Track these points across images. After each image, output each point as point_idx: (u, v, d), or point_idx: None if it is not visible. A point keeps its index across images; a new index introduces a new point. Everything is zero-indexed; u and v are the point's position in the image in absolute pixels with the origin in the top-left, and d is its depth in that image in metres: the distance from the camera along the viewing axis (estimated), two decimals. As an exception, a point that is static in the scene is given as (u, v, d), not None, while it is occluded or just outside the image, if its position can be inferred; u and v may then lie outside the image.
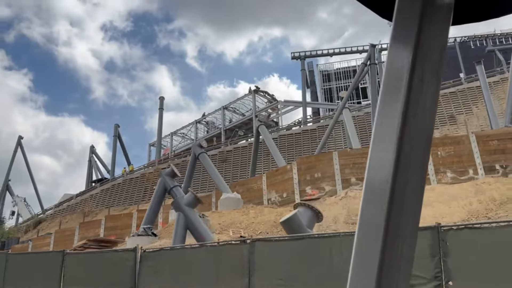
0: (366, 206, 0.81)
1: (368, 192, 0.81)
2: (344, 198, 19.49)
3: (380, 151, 0.81)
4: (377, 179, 0.80)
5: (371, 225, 0.78)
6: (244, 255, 9.98)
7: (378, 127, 0.82)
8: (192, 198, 14.47)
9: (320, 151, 29.56)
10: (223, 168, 38.61)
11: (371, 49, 30.33)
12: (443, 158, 21.15)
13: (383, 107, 0.82)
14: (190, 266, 8.65)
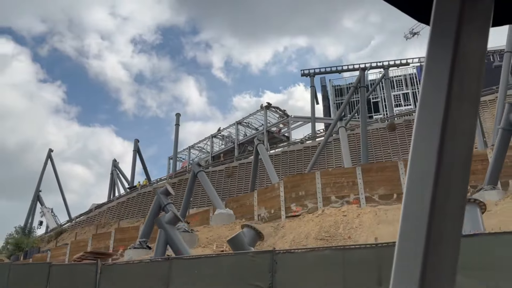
0: (406, 219, 0.78)
1: (408, 204, 0.79)
2: (320, 216, 21.26)
3: (420, 161, 0.78)
4: (417, 190, 0.78)
5: (411, 239, 0.75)
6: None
7: (418, 135, 0.80)
8: (172, 216, 16.64)
9: (310, 169, 31.35)
10: (228, 183, 40.80)
11: (361, 73, 32.04)
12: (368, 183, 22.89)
13: (422, 114, 0.80)
14: (146, 279, 10.70)
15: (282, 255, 8.55)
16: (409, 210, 0.79)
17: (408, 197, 0.80)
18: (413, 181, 0.79)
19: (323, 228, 19.58)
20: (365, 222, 19.46)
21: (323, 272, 7.41)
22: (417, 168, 0.79)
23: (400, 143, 37.14)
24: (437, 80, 0.79)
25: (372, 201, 22.69)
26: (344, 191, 23.49)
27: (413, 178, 0.79)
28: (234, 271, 8.91)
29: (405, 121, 38.97)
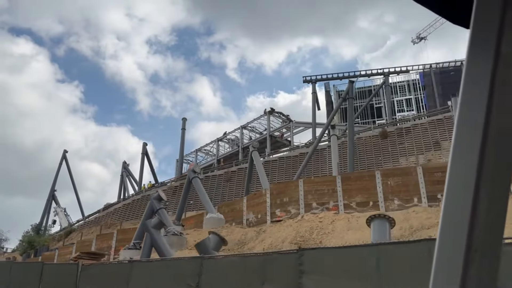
0: (446, 220, 0.76)
1: (449, 205, 0.76)
2: (299, 221, 22.96)
3: (461, 166, 0.76)
4: (458, 193, 0.75)
5: (451, 241, 0.73)
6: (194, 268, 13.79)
7: (458, 138, 0.78)
8: (157, 221, 18.54)
9: (299, 176, 33.04)
10: (227, 187, 42.69)
11: (349, 85, 33.60)
12: (392, 187, 24.17)
13: (462, 118, 0.78)
14: (115, 278, 12.52)
15: (207, 260, 10.33)
16: (448, 215, 0.77)
17: (447, 202, 0.78)
18: (453, 185, 0.77)
19: (299, 233, 21.27)
20: (337, 228, 21.09)
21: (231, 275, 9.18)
22: (457, 170, 0.77)
23: (391, 151, 38.53)
24: (478, 84, 0.78)
25: (349, 208, 24.26)
26: (324, 198, 25.12)
27: (453, 181, 0.77)
28: (176, 271, 10.71)
29: (397, 129, 40.32)
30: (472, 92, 0.78)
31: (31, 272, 14.98)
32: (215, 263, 10.34)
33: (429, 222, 19.26)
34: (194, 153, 77.98)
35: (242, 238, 23.08)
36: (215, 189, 43.64)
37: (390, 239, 9.53)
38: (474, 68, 0.80)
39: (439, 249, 0.76)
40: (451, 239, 0.75)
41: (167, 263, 11.79)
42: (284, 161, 45.31)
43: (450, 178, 0.78)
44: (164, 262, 12.34)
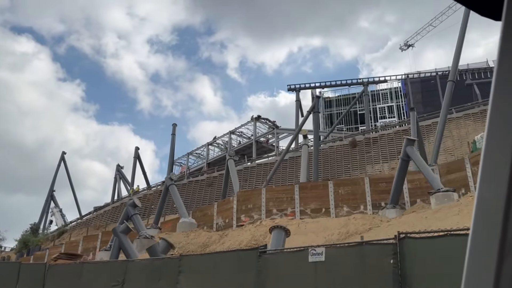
0: (478, 224, 0.73)
1: (480, 206, 0.74)
2: (257, 226, 25.72)
3: (494, 160, 0.73)
4: (490, 193, 0.72)
5: (484, 238, 0.71)
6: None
7: (491, 133, 0.76)
8: (125, 227, 21.31)
9: (267, 183, 35.83)
10: (208, 192, 45.53)
11: (316, 100, 36.42)
12: (342, 195, 26.99)
13: (495, 113, 0.77)
14: (71, 276, 15.27)
15: (131, 262, 13.17)
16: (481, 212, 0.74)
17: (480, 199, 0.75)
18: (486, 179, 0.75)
19: (254, 237, 24.04)
20: (288, 233, 23.85)
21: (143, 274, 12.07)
22: (490, 165, 0.74)
23: (359, 159, 41.28)
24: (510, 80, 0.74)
25: (305, 214, 27.08)
26: (283, 205, 27.94)
27: (486, 180, 0.74)
28: (112, 272, 13.54)
29: (366, 138, 43.09)
30: (506, 86, 0.75)
31: (10, 271, 17.72)
32: (134, 265, 13.16)
33: (363, 228, 22.01)
34: (186, 156, 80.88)
35: (207, 241, 25.87)
36: (197, 193, 46.49)
37: (283, 246, 12.23)
38: (507, 64, 0.76)
39: (472, 246, 0.73)
40: (484, 236, 0.71)
41: (108, 264, 14.64)
42: (268, 167, 48.05)
43: (483, 171, 0.75)
44: (104, 264, 15.20)
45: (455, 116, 40.47)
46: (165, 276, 10.82)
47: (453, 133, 38.90)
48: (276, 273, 9.74)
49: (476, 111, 40.08)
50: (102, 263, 15.64)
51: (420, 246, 6.95)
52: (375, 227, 21.58)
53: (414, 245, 6.95)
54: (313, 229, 23.54)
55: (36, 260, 36.35)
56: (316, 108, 35.96)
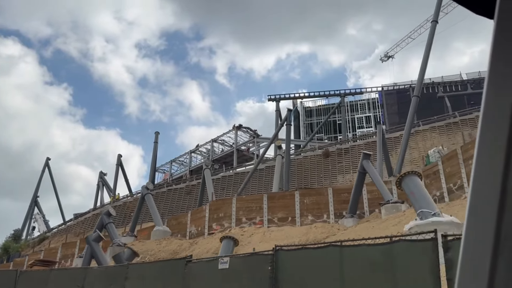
0: (473, 209, 0.73)
1: (474, 203, 0.73)
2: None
3: (489, 148, 0.74)
4: (486, 180, 0.72)
5: (479, 229, 0.70)
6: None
7: (484, 132, 0.76)
8: (97, 236, 22.61)
9: (240, 192, 37.34)
10: (187, 200, 46.83)
11: (288, 113, 38.13)
12: (307, 205, 28.60)
13: (487, 116, 0.76)
14: (39, 282, 16.52)
15: (90, 269, 14.61)
16: (475, 203, 0.73)
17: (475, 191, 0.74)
18: (480, 172, 0.74)
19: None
20: (253, 240, 25.35)
21: (101, 280, 13.49)
22: (485, 153, 0.74)
23: (331, 169, 43.03)
24: (504, 83, 0.75)
25: (272, 222, 28.60)
26: (252, 214, 29.43)
27: (481, 165, 0.74)
28: (73, 277, 14.93)
29: (338, 149, 44.89)
30: (498, 86, 0.75)
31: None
32: (92, 272, 14.56)
33: (321, 236, 23.63)
34: (169, 164, 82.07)
35: (177, 248, 27.21)
36: (176, 201, 47.74)
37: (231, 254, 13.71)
38: (499, 66, 0.76)
39: (466, 236, 0.72)
40: (478, 227, 0.71)
41: (70, 271, 16.02)
42: (245, 175, 49.45)
43: (477, 159, 0.74)
44: (68, 270, 16.60)
45: (422, 128, 42.51)
46: (116, 281, 12.20)
47: (419, 145, 40.86)
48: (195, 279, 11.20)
49: (442, 124, 42.17)
50: (66, 270, 16.97)
51: (287, 257, 8.53)
52: (331, 235, 23.19)
53: (285, 256, 8.52)
54: (277, 237, 25.04)
55: (15, 266, 37.14)
56: (288, 121, 37.66)
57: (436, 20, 39.38)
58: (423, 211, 12.80)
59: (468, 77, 66.02)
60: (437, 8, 39.60)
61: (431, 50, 38.39)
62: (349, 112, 75.93)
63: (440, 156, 25.89)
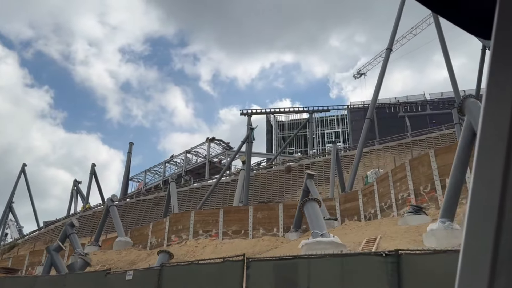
0: (471, 230, 0.73)
1: (474, 213, 0.74)
2: (182, 246, 29.17)
3: (486, 171, 0.74)
4: (483, 201, 0.72)
5: (475, 252, 0.71)
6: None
7: (483, 143, 0.77)
8: (57, 245, 24.45)
9: (202, 206, 39.46)
10: (155, 211, 48.63)
11: (249, 131, 40.58)
12: (259, 219, 30.88)
13: (486, 125, 0.76)
14: None
15: (39, 277, 16.62)
16: (473, 224, 0.73)
17: (472, 210, 0.74)
18: (477, 193, 0.74)
19: (176, 256, 27.41)
20: (206, 252, 27.44)
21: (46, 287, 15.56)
22: (482, 176, 0.74)
23: (292, 184, 45.50)
24: (502, 100, 0.76)
25: (227, 235, 30.73)
26: (209, 227, 31.52)
27: (478, 189, 0.74)
28: (25, 285, 16.88)
29: (299, 165, 47.45)
30: (496, 101, 0.77)
31: None
32: (40, 279, 16.60)
33: (266, 248, 25.90)
34: (144, 173, 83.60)
35: (135, 258, 29.10)
36: (144, 212, 49.49)
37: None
38: (497, 89, 0.77)
39: (463, 259, 0.72)
40: (476, 249, 0.71)
41: (21, 279, 17.99)
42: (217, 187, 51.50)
43: (475, 184, 0.75)
44: (19, 278, 18.52)
45: (376, 147, 45.39)
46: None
47: (373, 163, 43.66)
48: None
49: (394, 144, 45.16)
50: (18, 278, 18.84)
51: (172, 271, 10.76)
52: (274, 248, 25.51)
53: (171, 270, 10.74)
54: (228, 249, 27.18)
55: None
56: (250, 139, 40.02)
57: (390, 48, 42.39)
58: (314, 232, 15.18)
59: (431, 97, 69.83)
60: (391, 37, 42.63)
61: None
62: (319, 127, 79.02)
63: (376, 178, 28.53)
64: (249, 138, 39.61)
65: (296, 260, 8.93)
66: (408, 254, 7.37)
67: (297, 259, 8.94)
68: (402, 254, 7.25)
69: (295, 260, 8.96)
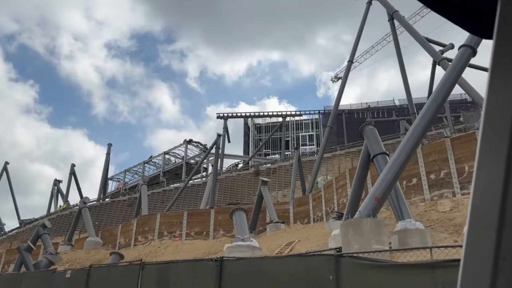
0: (473, 227, 0.73)
1: (476, 209, 0.74)
2: (147, 246, 31.49)
3: (488, 170, 0.74)
4: (485, 197, 0.73)
5: (478, 248, 0.71)
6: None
7: (485, 144, 0.76)
8: (27, 246, 26.56)
9: (170, 208, 41.77)
10: (128, 211, 50.73)
11: (218, 138, 43.00)
12: (220, 221, 33.32)
13: (488, 123, 0.76)
14: None
15: (2, 275, 18.81)
16: (475, 221, 0.74)
17: (474, 207, 0.74)
18: (479, 190, 0.75)
19: (140, 255, 29.66)
20: (167, 252, 29.75)
21: (7, 283, 17.80)
22: (484, 174, 0.74)
23: (260, 187, 47.97)
24: (502, 101, 0.75)
25: (190, 236, 33.10)
26: (173, 228, 33.86)
27: (480, 186, 0.74)
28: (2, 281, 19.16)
29: (267, 168, 50.02)
30: (497, 103, 0.76)
31: None
32: (2, 276, 18.78)
33: (221, 248, 28.29)
34: (123, 173, 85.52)
35: (102, 257, 31.25)
36: (118, 213, 51.56)
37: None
38: (497, 90, 0.77)
39: (466, 257, 0.72)
40: (478, 247, 0.71)
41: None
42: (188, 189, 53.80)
43: (476, 182, 0.75)
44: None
45: (338, 153, 48.15)
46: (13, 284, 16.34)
47: (335, 168, 46.41)
48: (53, 285, 15.53)
49: (355, 150, 47.98)
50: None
51: (98, 272, 13.20)
52: (228, 249, 28.03)
53: (97, 271, 13.14)
54: (188, 249, 29.56)
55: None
56: (218, 145, 42.39)
57: (351, 61, 45.14)
58: (237, 237, 17.68)
59: (400, 103, 72.97)
60: (353, 50, 45.34)
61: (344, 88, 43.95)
62: (295, 130, 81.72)
63: (324, 184, 31.21)
64: (217, 145, 41.98)
65: (169, 264, 11.45)
66: (228, 260, 10.00)
67: (169, 264, 11.43)
68: (224, 260, 9.84)
69: (168, 264, 11.49)
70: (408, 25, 41.19)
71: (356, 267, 7.79)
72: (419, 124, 14.54)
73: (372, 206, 13.13)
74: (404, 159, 13.97)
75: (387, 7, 43.26)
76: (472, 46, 15.61)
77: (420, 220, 17.76)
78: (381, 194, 13.33)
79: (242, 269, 9.28)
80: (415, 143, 14.36)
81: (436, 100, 14.67)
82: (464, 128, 43.44)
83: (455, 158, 22.30)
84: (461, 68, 15.85)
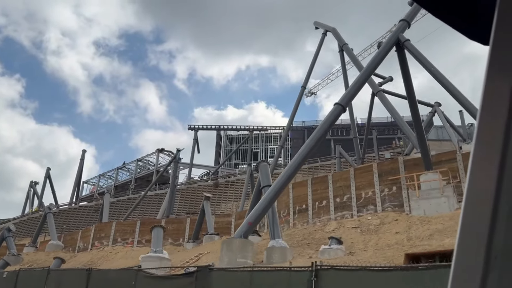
0: (465, 225, 0.75)
1: (468, 209, 0.75)
2: (100, 251, 35.02)
3: (481, 169, 0.76)
4: (478, 197, 0.75)
5: (470, 246, 0.72)
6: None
7: (479, 145, 0.77)
8: (-11, 248, 29.91)
9: (128, 216, 45.40)
10: (94, 217, 54.08)
11: (177, 153, 46.84)
12: (169, 230, 36.97)
13: (483, 122, 0.78)
14: None
15: None
16: (467, 220, 0.75)
17: (467, 206, 0.76)
18: (472, 190, 0.76)
19: (92, 259, 33.26)
20: (116, 257, 33.26)
21: None
22: (477, 174, 0.76)
23: (217, 198, 51.82)
24: (498, 105, 0.76)
25: (141, 243, 36.70)
26: (127, 235, 37.46)
27: (473, 186, 0.76)
28: None
29: (226, 181, 53.87)
30: (492, 107, 0.77)
31: None
32: None
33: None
34: (98, 177, 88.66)
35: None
36: (85, 217, 54.87)
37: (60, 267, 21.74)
38: (493, 92, 0.78)
39: (458, 255, 0.74)
40: (470, 245, 0.72)
41: None
42: (152, 198, 57.35)
43: (470, 182, 0.76)
44: None
45: (290, 169, 52.14)
46: None
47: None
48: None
49: (309, 167, 52.22)
50: None
51: (27, 274, 16.84)
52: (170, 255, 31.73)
53: (25, 273, 16.79)
54: (136, 255, 32.95)
55: None
56: (176, 159, 46.12)
57: (304, 86, 49.39)
58: (152, 249, 21.52)
59: (361, 121, 77.62)
60: (307, 76, 49.60)
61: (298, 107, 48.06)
62: (264, 142, 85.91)
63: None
64: (176, 158, 45.73)
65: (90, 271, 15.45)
66: (141, 270, 13.85)
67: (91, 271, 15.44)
68: (139, 270, 13.68)
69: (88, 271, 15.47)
70: (354, 57, 45.70)
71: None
72: (292, 165, 18.60)
73: (245, 229, 17.10)
74: (276, 191, 18.00)
75: (338, 39, 47.74)
76: (343, 105, 19.80)
77: (304, 239, 21.86)
78: (253, 219, 17.31)
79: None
80: (287, 179, 18.41)
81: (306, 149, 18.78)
82: (402, 150, 48.00)
83: (355, 185, 26.51)
84: (331, 122, 19.99)
